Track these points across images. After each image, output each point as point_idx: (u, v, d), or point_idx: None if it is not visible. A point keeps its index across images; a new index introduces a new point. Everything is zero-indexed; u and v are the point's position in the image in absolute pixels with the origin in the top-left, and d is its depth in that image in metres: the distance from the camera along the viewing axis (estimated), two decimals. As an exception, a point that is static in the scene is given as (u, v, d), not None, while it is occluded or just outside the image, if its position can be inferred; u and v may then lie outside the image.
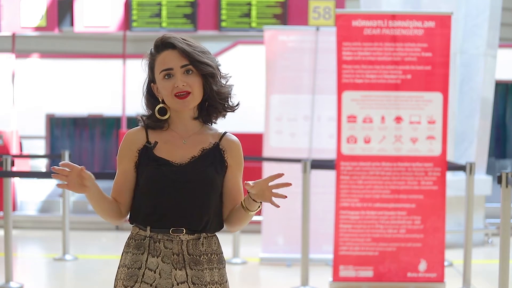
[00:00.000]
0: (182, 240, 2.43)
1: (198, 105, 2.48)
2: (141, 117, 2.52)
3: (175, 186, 2.41)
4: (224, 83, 2.49)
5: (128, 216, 2.51)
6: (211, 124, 2.53)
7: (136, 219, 2.47)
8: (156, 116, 2.47)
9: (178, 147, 2.46)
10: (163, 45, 2.45)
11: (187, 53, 2.42)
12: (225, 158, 2.49)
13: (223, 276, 2.50)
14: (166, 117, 2.47)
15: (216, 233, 2.52)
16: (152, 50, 2.48)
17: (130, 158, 2.47)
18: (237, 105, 2.52)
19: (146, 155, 2.45)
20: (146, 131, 2.49)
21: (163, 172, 2.41)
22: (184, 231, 2.42)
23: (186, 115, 2.48)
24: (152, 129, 2.49)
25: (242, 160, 2.54)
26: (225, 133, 2.53)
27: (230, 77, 2.52)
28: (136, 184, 2.47)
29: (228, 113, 2.52)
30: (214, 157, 2.47)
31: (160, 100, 2.47)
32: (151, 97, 2.49)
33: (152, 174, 2.42)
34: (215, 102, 2.47)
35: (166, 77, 2.42)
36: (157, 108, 2.46)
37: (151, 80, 2.49)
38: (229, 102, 2.50)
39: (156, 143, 2.46)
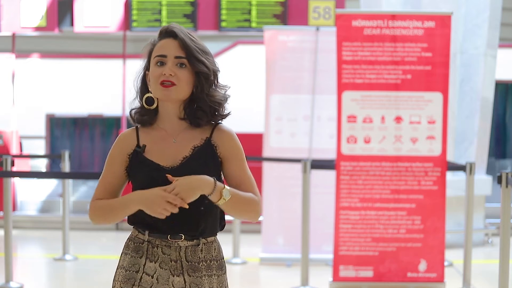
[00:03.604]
0: (180, 247, 2.39)
1: (185, 106, 2.42)
2: (130, 112, 2.46)
3: None
4: (219, 91, 2.42)
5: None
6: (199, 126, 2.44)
7: (134, 221, 2.43)
8: (145, 107, 2.42)
9: (169, 147, 2.40)
10: (166, 33, 2.42)
11: (186, 47, 2.37)
12: (218, 154, 2.41)
13: (222, 283, 2.45)
14: (153, 106, 2.41)
15: (216, 237, 2.46)
16: (157, 36, 2.45)
17: (121, 162, 2.43)
18: (227, 114, 2.44)
19: (136, 159, 2.40)
20: (137, 133, 2.44)
21: (154, 178, 2.34)
22: (183, 237, 2.38)
23: (170, 111, 2.41)
24: (143, 128, 2.44)
25: (238, 149, 2.43)
26: (216, 125, 2.45)
27: (229, 88, 2.44)
28: (132, 189, 2.43)
29: (217, 119, 2.43)
30: (206, 155, 2.40)
31: (150, 89, 2.42)
32: (143, 86, 2.45)
33: (144, 180, 2.36)
34: (204, 105, 2.39)
35: (159, 64, 2.38)
36: (144, 97, 2.42)
37: (147, 67, 2.45)
38: (220, 109, 2.42)
39: (144, 146, 2.40)
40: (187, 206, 2.28)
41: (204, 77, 2.38)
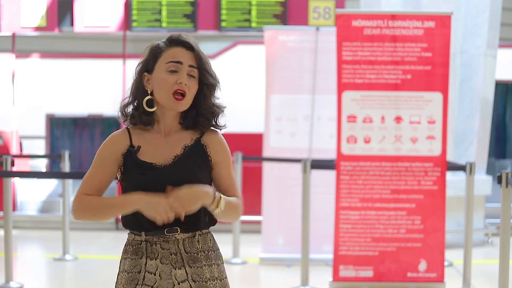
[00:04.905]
0: (178, 240, 2.43)
1: (183, 112, 2.47)
2: (124, 112, 2.48)
3: (161, 189, 2.38)
4: (219, 101, 2.50)
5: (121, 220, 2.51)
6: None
7: (129, 224, 2.46)
8: (143, 108, 2.44)
9: (161, 147, 2.45)
10: (179, 41, 2.45)
11: (200, 59, 2.44)
12: (208, 153, 2.48)
13: (222, 272, 2.50)
14: (153, 109, 2.45)
15: (210, 230, 2.52)
16: (164, 42, 2.47)
17: (115, 161, 2.46)
18: (224, 125, 2.52)
19: (130, 159, 2.44)
20: (129, 133, 2.48)
21: (148, 177, 2.40)
22: (179, 230, 2.42)
23: (171, 117, 2.47)
24: (134, 129, 2.48)
25: (227, 152, 2.52)
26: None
27: (219, 98, 2.52)
28: (123, 190, 2.46)
29: (217, 128, 2.51)
30: (196, 154, 2.46)
31: (149, 92, 2.45)
32: (141, 87, 2.47)
33: (138, 180, 2.41)
34: (208, 114, 2.47)
35: (171, 70, 2.42)
36: (145, 99, 2.44)
37: (148, 69, 2.46)
38: (219, 119, 2.50)
39: (139, 147, 2.44)
40: (182, 217, 2.35)
41: (212, 88, 2.47)
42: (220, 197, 2.40)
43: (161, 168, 2.42)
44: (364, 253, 5.73)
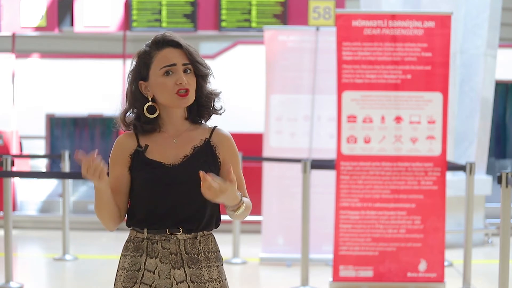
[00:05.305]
0: (179, 240, 2.44)
1: (188, 106, 2.49)
2: (124, 122, 2.49)
3: (169, 188, 2.40)
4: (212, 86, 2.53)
5: (125, 219, 2.51)
6: (200, 124, 2.54)
7: (132, 222, 2.47)
8: (146, 116, 2.45)
9: (170, 147, 2.46)
10: (165, 42, 2.46)
11: (190, 54, 2.44)
12: (217, 154, 2.49)
13: (221, 274, 2.50)
14: (155, 115, 2.45)
15: (212, 232, 2.53)
16: (150, 46, 2.48)
17: (123, 163, 2.46)
18: (221, 108, 2.53)
19: (138, 159, 2.45)
20: (136, 134, 2.49)
21: (156, 175, 2.41)
22: (181, 230, 2.43)
23: (177, 114, 2.48)
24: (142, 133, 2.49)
25: (236, 152, 2.53)
26: (214, 127, 2.53)
27: (211, 83, 2.54)
28: (131, 188, 2.47)
29: (213, 114, 2.53)
30: (206, 155, 2.47)
31: (150, 99, 2.45)
32: (138, 96, 2.47)
33: (146, 178, 2.42)
34: (207, 102, 2.49)
35: (166, 74, 2.42)
36: (146, 106, 2.45)
37: (143, 77, 2.47)
38: (216, 104, 2.52)
39: (147, 146, 2.45)
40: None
41: (206, 77, 2.48)
42: (242, 203, 2.40)
43: (170, 168, 2.43)
44: (364, 253, 5.73)
